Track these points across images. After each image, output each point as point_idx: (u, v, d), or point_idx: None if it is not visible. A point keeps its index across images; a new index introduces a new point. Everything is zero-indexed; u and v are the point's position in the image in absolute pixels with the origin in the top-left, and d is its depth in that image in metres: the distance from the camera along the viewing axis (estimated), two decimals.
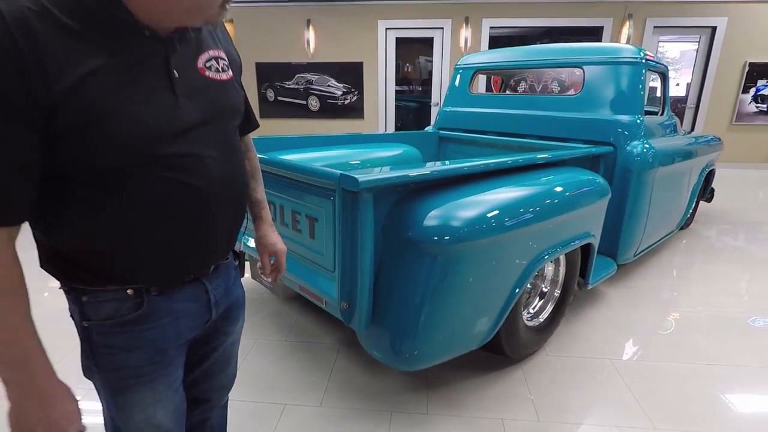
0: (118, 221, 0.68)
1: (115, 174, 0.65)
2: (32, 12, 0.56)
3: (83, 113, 0.59)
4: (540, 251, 1.71)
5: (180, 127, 0.69)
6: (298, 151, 2.57)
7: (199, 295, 0.83)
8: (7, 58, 0.54)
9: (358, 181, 1.19)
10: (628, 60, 2.51)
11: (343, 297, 1.39)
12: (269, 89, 6.80)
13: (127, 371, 0.76)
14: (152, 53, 0.66)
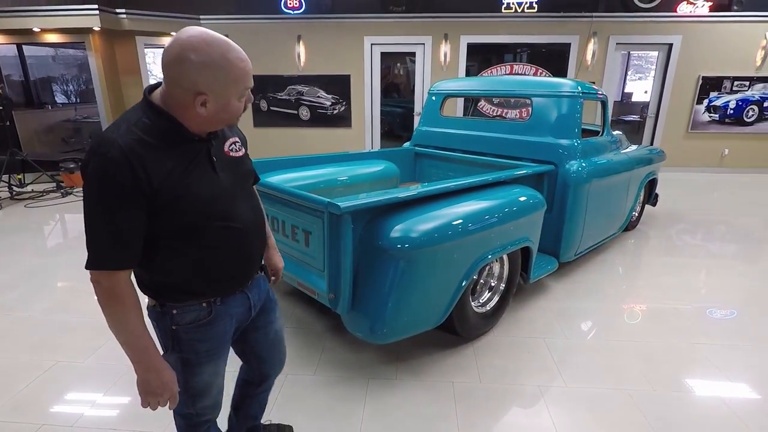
0: (192, 259, 1.07)
1: (189, 228, 1.04)
2: (134, 141, 0.95)
3: (169, 195, 0.98)
4: (483, 253, 2.21)
5: (222, 192, 1.09)
6: (293, 170, 3.05)
7: (244, 301, 1.23)
8: (127, 172, 0.92)
9: (340, 207, 1.69)
10: (568, 94, 3.03)
11: (331, 289, 1.89)
12: (262, 100, 7.24)
13: (200, 354, 1.16)
14: (200, 149, 1.06)
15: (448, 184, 2.20)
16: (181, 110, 0.99)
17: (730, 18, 6.49)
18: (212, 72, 0.95)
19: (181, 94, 0.97)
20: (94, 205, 0.94)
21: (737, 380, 2.16)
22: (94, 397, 2.02)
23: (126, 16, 6.32)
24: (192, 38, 0.94)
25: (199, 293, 1.13)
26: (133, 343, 1.03)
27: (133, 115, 1.00)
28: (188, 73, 0.94)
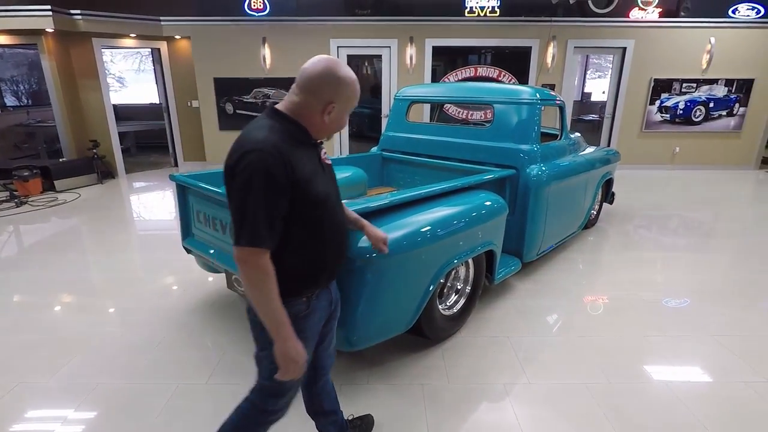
0: (309, 250, 1.26)
1: (312, 221, 1.24)
2: (278, 140, 1.15)
3: (303, 188, 1.17)
4: (449, 258, 2.30)
5: (330, 191, 1.30)
6: None
7: (328, 296, 1.41)
8: (281, 165, 1.11)
9: None
10: (527, 101, 3.16)
11: None
12: (228, 103, 7.14)
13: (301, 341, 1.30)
14: (315, 152, 1.29)
15: (415, 193, 2.26)
16: (309, 117, 1.23)
17: (678, 24, 6.87)
18: (343, 88, 1.22)
19: (315, 102, 1.21)
20: (255, 191, 1.10)
21: (684, 369, 2.33)
22: (64, 413, 1.99)
23: (81, 17, 6.10)
24: (332, 60, 1.22)
25: (307, 286, 1.30)
26: (276, 316, 1.16)
27: (263, 123, 1.20)
28: (327, 85, 1.20)
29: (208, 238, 2.55)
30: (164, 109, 7.57)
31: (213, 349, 2.48)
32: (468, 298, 2.64)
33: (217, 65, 6.97)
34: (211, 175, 2.82)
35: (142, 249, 4.10)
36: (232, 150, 1.15)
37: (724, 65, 7.08)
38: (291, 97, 1.24)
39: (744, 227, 4.73)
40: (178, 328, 2.71)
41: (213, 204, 2.40)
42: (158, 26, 6.75)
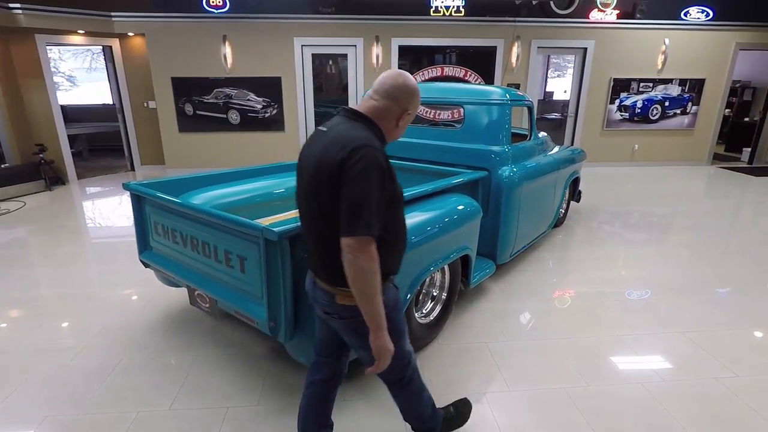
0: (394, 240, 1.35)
1: (397, 211, 1.35)
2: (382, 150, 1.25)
3: (395, 182, 1.29)
4: (426, 266, 2.22)
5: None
6: (224, 186, 2.88)
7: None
8: (387, 160, 1.24)
9: (276, 232, 1.60)
10: (497, 101, 3.13)
11: (270, 318, 1.79)
12: (187, 104, 6.83)
13: (402, 323, 1.49)
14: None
15: None
16: (386, 122, 1.34)
17: (635, 25, 7.09)
18: (417, 99, 1.37)
19: (396, 108, 1.34)
20: (371, 183, 1.17)
21: (658, 368, 2.35)
22: None
23: (22, 11, 5.67)
24: (407, 73, 1.37)
25: (392, 273, 1.41)
26: (380, 307, 1.23)
27: (353, 124, 1.30)
28: (406, 94, 1.34)
29: (168, 252, 2.37)
30: (118, 110, 7.17)
31: (176, 370, 2.31)
32: (444, 304, 2.58)
33: (174, 64, 6.65)
34: (169, 183, 2.64)
35: (96, 261, 3.82)
36: (338, 146, 1.20)
37: (677, 66, 7.37)
38: (370, 102, 1.34)
39: (702, 221, 4.91)
40: (136, 348, 2.51)
41: (172, 215, 2.23)
42: (109, 22, 6.37)
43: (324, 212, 1.24)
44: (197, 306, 2.27)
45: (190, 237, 2.14)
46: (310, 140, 1.36)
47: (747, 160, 8.33)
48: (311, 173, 1.26)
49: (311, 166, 1.26)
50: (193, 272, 2.20)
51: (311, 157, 1.28)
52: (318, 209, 1.26)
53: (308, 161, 1.29)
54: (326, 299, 1.36)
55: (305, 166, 1.31)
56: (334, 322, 1.40)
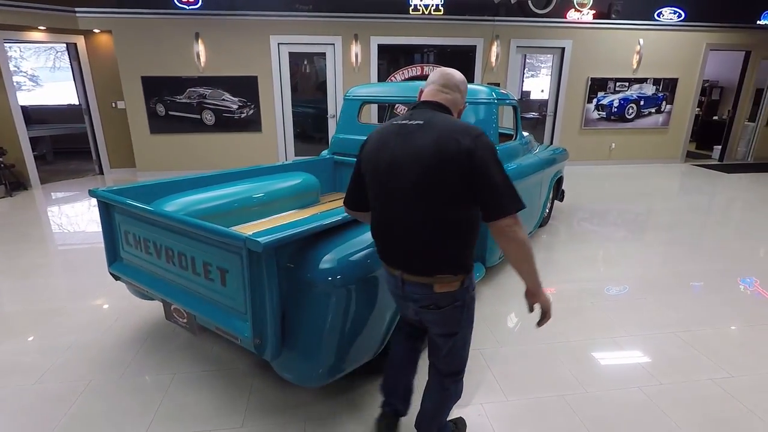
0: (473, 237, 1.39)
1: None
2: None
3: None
4: None
5: None
6: (201, 191, 2.72)
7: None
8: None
9: (261, 243, 1.47)
10: (484, 100, 3.06)
11: (255, 334, 1.66)
12: (159, 104, 6.55)
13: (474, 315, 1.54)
14: None
15: None
16: (455, 113, 1.43)
17: (610, 25, 7.18)
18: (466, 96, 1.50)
19: (461, 101, 1.45)
20: (501, 166, 1.25)
21: (654, 370, 2.32)
22: None
23: None
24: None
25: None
26: (535, 271, 1.33)
27: (445, 115, 1.35)
28: (467, 90, 1.48)
29: (140, 263, 2.20)
30: (84, 111, 6.82)
31: (152, 391, 2.14)
32: None
33: (144, 63, 6.37)
34: (140, 188, 2.47)
35: (63, 272, 3.58)
36: (458, 136, 1.23)
37: (652, 65, 7.50)
38: (442, 95, 1.40)
39: (682, 218, 4.98)
40: (108, 367, 2.33)
41: (145, 224, 2.07)
42: (72, 18, 6.05)
43: (442, 203, 1.27)
44: (174, 321, 2.11)
45: (165, 248, 1.98)
46: (396, 136, 1.33)
47: (718, 158, 8.56)
48: (426, 166, 1.25)
49: (423, 159, 1.25)
50: (168, 285, 2.04)
51: (416, 152, 1.27)
52: (432, 201, 1.28)
53: (411, 157, 1.28)
54: (423, 292, 1.38)
55: (404, 162, 1.29)
56: (431, 314, 1.43)
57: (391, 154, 1.31)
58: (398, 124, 1.35)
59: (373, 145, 1.39)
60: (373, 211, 1.45)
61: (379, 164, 1.34)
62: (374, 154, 1.37)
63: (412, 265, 1.37)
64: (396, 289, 1.45)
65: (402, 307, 1.57)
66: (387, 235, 1.41)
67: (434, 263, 1.34)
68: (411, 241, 1.34)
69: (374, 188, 1.39)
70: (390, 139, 1.33)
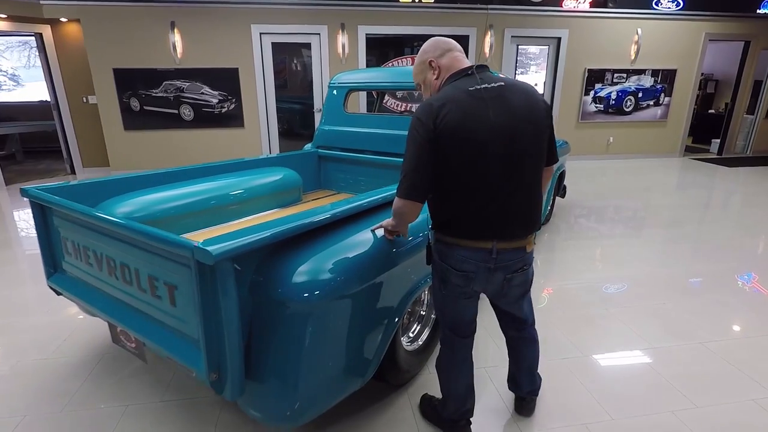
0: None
1: None
2: None
3: None
4: (415, 282, 1.79)
5: None
6: (171, 187, 2.38)
7: None
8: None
9: (212, 253, 1.13)
10: None
11: (212, 368, 1.31)
12: (133, 98, 6.14)
13: None
14: None
15: (362, 201, 1.72)
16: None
17: (608, 14, 6.91)
18: None
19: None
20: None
21: (687, 390, 2.01)
22: None
23: None
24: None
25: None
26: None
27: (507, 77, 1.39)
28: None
29: (82, 275, 1.84)
30: (53, 107, 6.38)
31: (101, 426, 1.79)
32: (434, 325, 2.15)
33: (116, 54, 5.95)
34: (85, 187, 2.11)
35: (16, 283, 3.19)
36: (535, 94, 1.34)
37: (650, 56, 7.25)
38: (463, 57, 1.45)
39: (689, 214, 4.71)
40: (49, 397, 1.96)
41: (83, 228, 1.71)
42: (36, 6, 5.61)
43: (541, 160, 1.38)
44: (121, 345, 1.75)
45: (106, 257, 1.63)
46: (484, 101, 1.27)
47: (716, 152, 8.35)
48: (533, 125, 1.31)
49: (530, 119, 1.30)
50: (112, 303, 1.68)
51: (518, 113, 1.28)
52: (537, 160, 1.36)
53: (516, 119, 1.28)
54: (518, 256, 1.41)
55: (509, 125, 1.27)
56: (520, 276, 1.45)
57: (493, 121, 1.26)
58: (478, 89, 1.29)
59: (460, 120, 1.26)
60: (461, 187, 1.32)
61: (482, 136, 1.26)
62: (468, 128, 1.26)
63: (512, 231, 1.37)
64: (485, 262, 1.39)
65: (481, 284, 1.44)
66: (487, 206, 1.33)
67: (531, 224, 1.39)
68: (516, 206, 1.34)
69: (478, 163, 1.28)
70: (480, 107, 1.27)
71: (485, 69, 1.35)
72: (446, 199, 1.37)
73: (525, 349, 1.75)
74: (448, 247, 1.42)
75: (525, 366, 1.78)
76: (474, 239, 1.37)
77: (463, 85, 1.30)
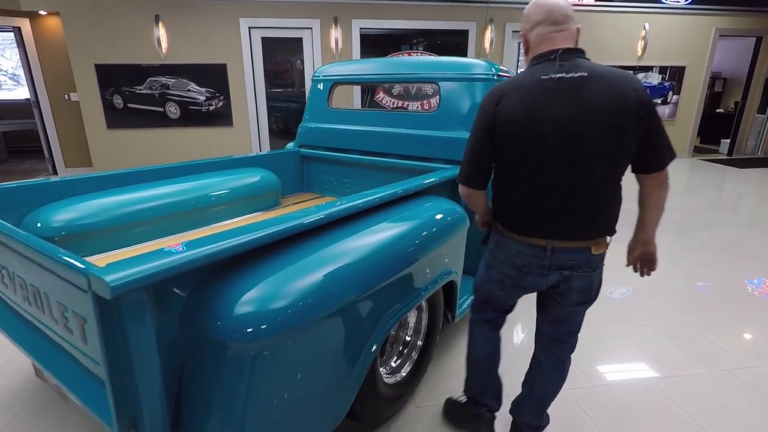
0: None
1: None
2: None
3: None
4: (394, 309, 1.50)
5: None
6: (129, 190, 2.11)
7: None
8: None
9: (109, 286, 0.84)
10: (481, 76, 2.44)
11: (123, 424, 1.02)
12: (116, 95, 5.86)
13: None
14: None
15: (327, 211, 1.42)
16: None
17: (614, 8, 6.61)
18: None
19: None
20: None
21: (713, 425, 1.72)
22: None
23: None
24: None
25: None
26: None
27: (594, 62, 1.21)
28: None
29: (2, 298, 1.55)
30: (33, 104, 6.11)
31: None
32: (420, 352, 1.86)
33: (98, 49, 5.67)
34: (20, 190, 1.83)
35: None
36: (626, 86, 1.15)
37: (657, 52, 6.95)
38: (567, 33, 1.24)
39: (705, 218, 4.41)
40: None
41: None
42: None
43: (616, 160, 1.21)
44: (43, 380, 1.47)
45: (18, 278, 1.34)
46: (557, 93, 1.17)
47: (726, 152, 8.04)
48: (607, 121, 1.15)
49: (603, 115, 1.15)
50: (27, 332, 1.40)
51: (593, 108, 1.15)
52: (606, 160, 1.20)
53: (589, 114, 1.16)
54: (579, 256, 1.30)
55: (578, 121, 1.16)
56: (581, 279, 1.34)
57: (559, 116, 1.17)
58: (552, 78, 1.18)
59: (518, 110, 1.21)
60: (522, 183, 1.28)
61: (542, 130, 1.19)
62: (526, 120, 1.20)
63: (570, 231, 1.28)
64: (539, 259, 1.32)
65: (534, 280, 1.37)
66: (541, 204, 1.27)
67: (598, 227, 1.29)
68: (576, 207, 1.25)
69: (532, 157, 1.23)
70: (548, 100, 1.18)
71: (575, 55, 1.20)
72: (502, 190, 1.35)
73: (548, 373, 1.55)
74: (503, 237, 1.39)
75: (538, 394, 1.57)
76: (527, 235, 1.32)
77: (538, 72, 1.21)
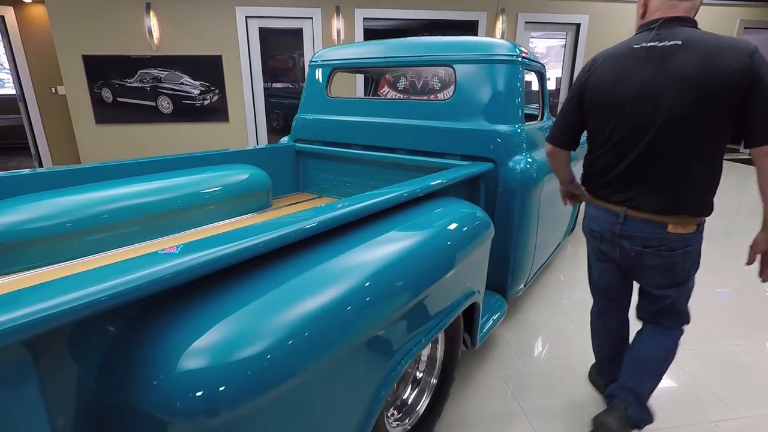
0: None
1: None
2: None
3: None
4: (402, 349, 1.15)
5: None
6: (98, 187, 1.79)
7: None
8: None
9: None
10: (504, 58, 2.09)
11: None
12: (105, 89, 5.53)
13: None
14: None
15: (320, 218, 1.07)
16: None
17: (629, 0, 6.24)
18: None
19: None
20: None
21: None
22: None
23: None
24: None
25: None
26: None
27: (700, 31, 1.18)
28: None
29: None
30: (19, 98, 5.81)
31: None
32: (435, 391, 1.52)
33: (86, 39, 5.35)
34: None
35: None
36: (733, 52, 1.10)
37: None
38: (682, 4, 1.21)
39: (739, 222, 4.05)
40: None
41: None
42: None
43: (702, 132, 1.15)
44: None
45: None
46: (645, 62, 1.19)
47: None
48: (692, 91, 1.12)
49: (689, 84, 1.12)
50: None
51: (679, 76, 1.13)
52: (691, 131, 1.16)
53: (673, 83, 1.14)
54: (652, 231, 1.27)
55: (661, 90, 1.16)
56: (654, 257, 1.29)
57: (641, 82, 1.19)
58: (643, 47, 1.20)
59: (606, 75, 1.26)
60: (600, 146, 1.33)
61: (622, 95, 1.23)
62: (610, 85, 1.25)
63: (643, 200, 1.26)
64: (611, 225, 1.34)
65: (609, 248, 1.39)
66: (616, 168, 1.29)
67: (677, 201, 1.23)
68: (649, 177, 1.24)
69: (610, 121, 1.27)
70: (634, 66, 1.21)
71: (676, 24, 1.19)
72: (588, 155, 1.40)
73: (644, 337, 1.46)
74: (588, 206, 1.45)
75: (633, 354, 1.47)
76: (604, 200, 1.37)
77: (634, 41, 1.25)
